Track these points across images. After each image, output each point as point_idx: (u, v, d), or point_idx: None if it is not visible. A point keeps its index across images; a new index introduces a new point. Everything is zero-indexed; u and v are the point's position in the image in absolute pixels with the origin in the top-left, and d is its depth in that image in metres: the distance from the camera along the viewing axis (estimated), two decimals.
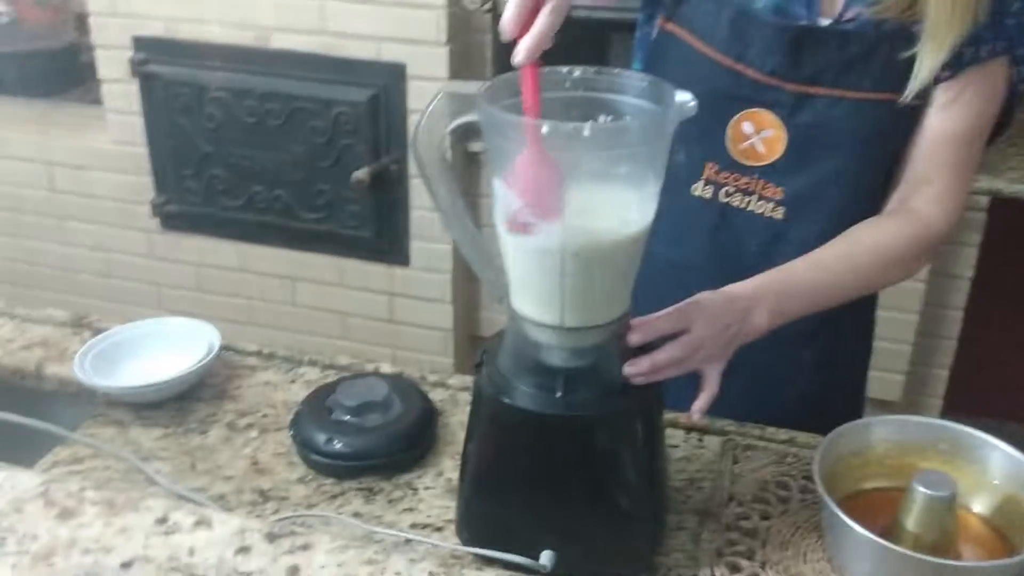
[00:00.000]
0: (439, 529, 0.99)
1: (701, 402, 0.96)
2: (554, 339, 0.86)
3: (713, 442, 1.12)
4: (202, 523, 0.59)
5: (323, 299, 2.49)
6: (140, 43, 2.31)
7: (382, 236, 2.32)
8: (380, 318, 2.46)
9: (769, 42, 1.03)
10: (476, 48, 2.21)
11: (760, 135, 1.06)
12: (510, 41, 0.77)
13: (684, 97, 0.80)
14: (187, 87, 2.31)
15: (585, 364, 0.88)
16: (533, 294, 0.85)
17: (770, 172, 1.07)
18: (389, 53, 2.13)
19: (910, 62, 1.00)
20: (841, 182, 1.07)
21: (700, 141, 1.08)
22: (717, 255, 1.12)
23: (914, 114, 1.05)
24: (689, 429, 1.14)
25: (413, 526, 0.99)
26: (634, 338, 0.89)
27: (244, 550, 0.57)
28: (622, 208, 0.81)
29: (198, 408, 1.19)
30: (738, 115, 1.06)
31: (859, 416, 1.28)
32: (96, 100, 2.49)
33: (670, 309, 0.95)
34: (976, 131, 1.04)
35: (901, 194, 1.07)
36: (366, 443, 1.06)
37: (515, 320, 0.88)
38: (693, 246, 1.13)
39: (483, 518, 0.93)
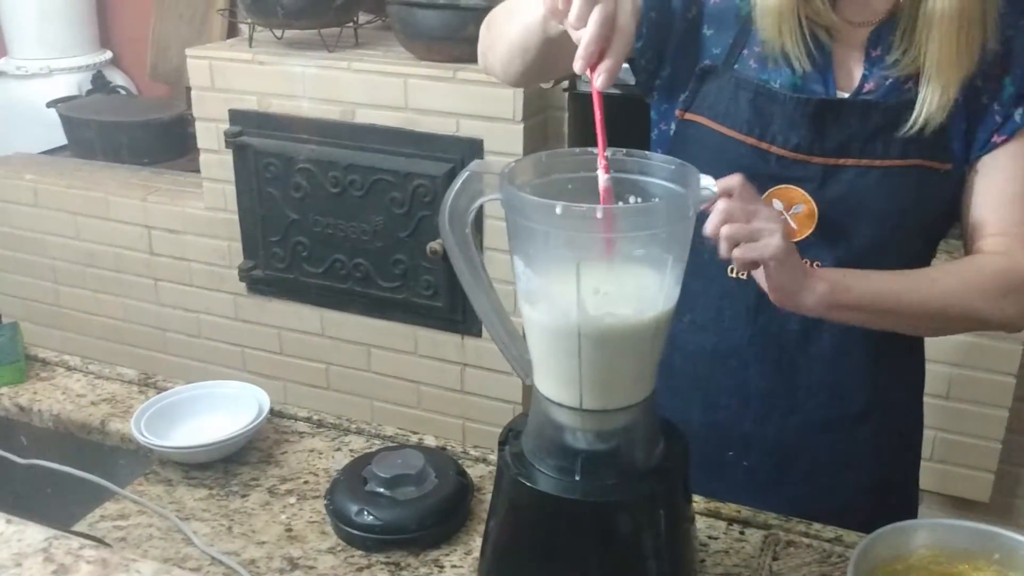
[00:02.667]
0: None
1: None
2: (573, 421, 0.85)
3: (755, 536, 1.08)
4: None
5: (397, 367, 2.52)
6: (235, 116, 2.42)
7: (455, 307, 2.34)
8: (452, 388, 2.47)
9: (791, 118, 1.02)
10: (552, 123, 2.25)
11: (791, 212, 1.05)
12: (583, 72, 0.84)
13: (707, 182, 0.79)
14: (276, 158, 2.41)
15: (606, 447, 0.86)
16: (553, 374, 0.85)
17: (804, 248, 1.05)
18: (467, 129, 2.18)
19: (933, 129, 0.99)
20: (877, 253, 1.04)
21: None
22: (759, 338, 1.10)
23: (948, 177, 1.03)
24: (731, 520, 1.10)
25: None
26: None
27: None
28: (640, 292, 0.80)
29: (243, 471, 1.21)
30: (766, 193, 1.05)
31: (914, 515, 1.22)
32: (197, 169, 2.63)
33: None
34: None
35: (972, 252, 1.05)
36: (396, 516, 1.06)
37: (538, 400, 0.88)
38: (734, 331, 1.11)
39: None
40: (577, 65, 0.83)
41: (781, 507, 1.11)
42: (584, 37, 0.82)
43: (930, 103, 0.98)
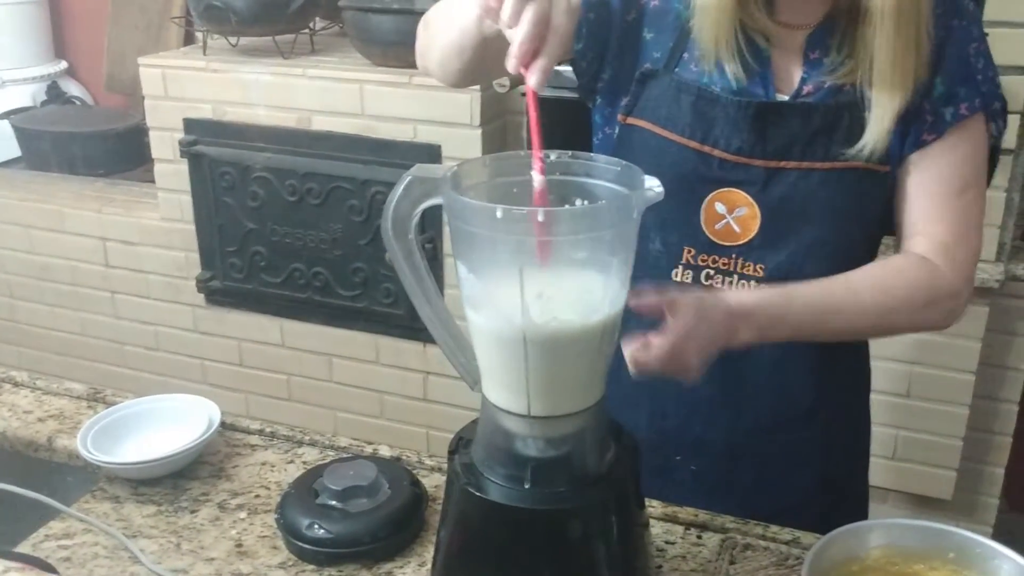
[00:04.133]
0: None
1: (644, 360, 0.87)
2: (522, 428, 0.83)
3: (712, 539, 1.07)
4: None
5: (360, 377, 2.49)
6: (190, 125, 2.39)
7: (415, 314, 2.31)
8: (415, 396, 2.45)
9: (732, 121, 1.02)
10: (511, 128, 2.24)
11: (734, 215, 1.04)
12: (515, 72, 0.83)
13: (651, 183, 0.78)
14: (232, 167, 2.38)
15: (556, 454, 0.85)
16: (500, 381, 0.83)
17: (747, 250, 1.05)
18: (425, 135, 2.17)
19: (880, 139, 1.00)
20: (820, 254, 1.04)
21: (675, 227, 1.07)
22: None
23: (888, 179, 1.03)
24: (688, 525, 1.09)
25: None
26: (632, 300, 0.86)
27: None
28: (585, 295, 0.79)
29: (192, 486, 1.18)
30: (709, 196, 1.04)
31: (865, 511, 1.22)
32: (153, 179, 2.58)
33: (683, 324, 0.90)
34: (964, 181, 1.03)
35: (904, 252, 1.05)
36: (348, 529, 1.04)
37: (486, 407, 0.86)
38: None
39: None
40: (509, 64, 0.82)
41: (731, 509, 1.10)
42: (517, 36, 0.81)
43: (880, 119, 0.99)
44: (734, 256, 1.06)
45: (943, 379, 2.03)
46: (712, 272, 1.07)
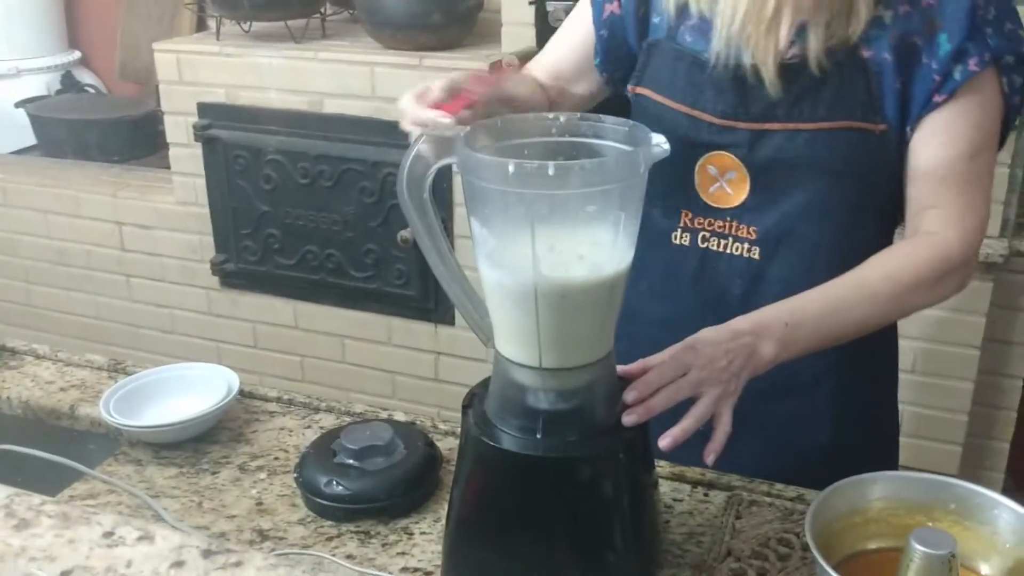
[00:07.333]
0: (429, 573, 0.98)
1: (715, 443, 0.93)
2: (533, 380, 0.86)
3: (719, 497, 1.10)
4: (145, 537, 0.61)
5: (372, 357, 2.53)
6: (203, 109, 2.42)
7: (428, 295, 2.35)
8: (427, 376, 2.48)
9: (718, 86, 1.05)
10: None
11: (725, 177, 1.08)
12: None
13: (658, 139, 0.81)
14: (245, 150, 2.41)
15: (566, 406, 0.88)
16: (512, 335, 0.86)
17: (740, 213, 1.08)
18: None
19: (864, 90, 1.01)
20: (810, 215, 1.06)
21: (674, 191, 1.10)
22: (702, 303, 1.12)
23: (885, 139, 1.03)
24: (695, 483, 1.12)
25: (404, 570, 0.99)
26: (629, 396, 0.89)
27: (179, 564, 0.58)
28: (595, 249, 0.82)
29: (213, 450, 1.22)
30: (701, 159, 1.08)
31: None
32: (168, 166, 2.62)
33: (664, 356, 0.94)
34: (976, 145, 1.02)
35: (911, 225, 1.06)
36: (365, 486, 1.07)
37: (499, 361, 0.89)
38: (679, 298, 1.14)
39: (466, 561, 0.93)
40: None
41: (736, 471, 1.12)
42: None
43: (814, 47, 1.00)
44: (728, 219, 1.09)
45: (948, 354, 2.05)
46: (708, 235, 1.11)
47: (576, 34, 1.18)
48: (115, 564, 0.58)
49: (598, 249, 0.81)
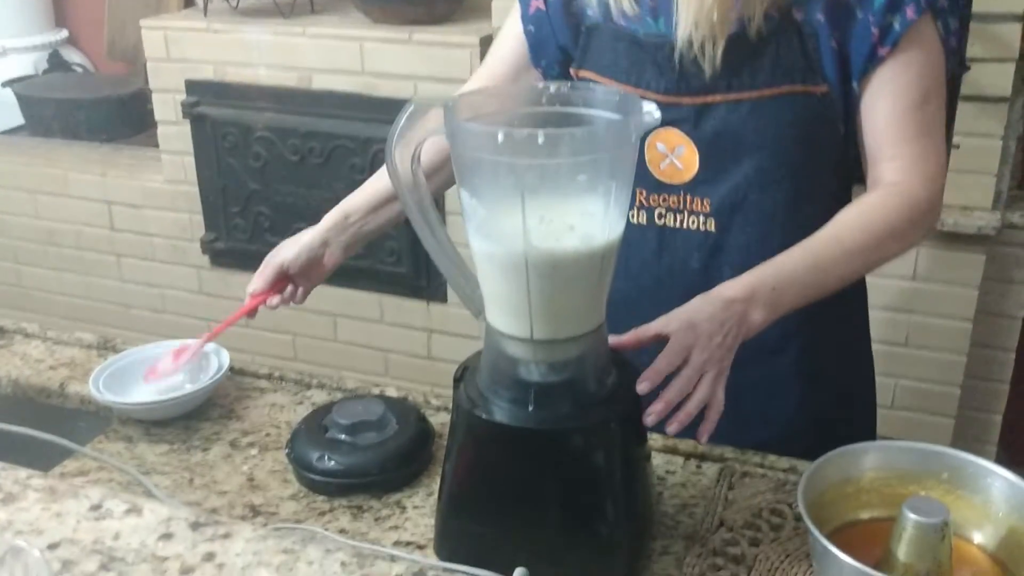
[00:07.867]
0: (421, 547, 0.98)
1: (708, 422, 0.93)
2: (525, 352, 0.86)
3: (711, 469, 1.10)
4: (133, 510, 0.60)
5: (364, 335, 2.52)
6: (191, 86, 2.40)
7: (419, 272, 2.35)
8: (419, 355, 2.48)
9: (656, 62, 1.05)
10: None
11: (674, 154, 1.08)
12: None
13: (649, 107, 0.80)
14: (234, 127, 2.39)
15: (558, 378, 0.87)
16: (503, 306, 0.86)
17: (693, 187, 1.09)
18: (425, 92, 2.18)
19: (800, 53, 1.01)
20: (761, 183, 1.07)
21: None
22: (664, 279, 1.13)
23: (828, 99, 1.03)
24: (688, 456, 1.12)
25: (397, 543, 0.99)
26: (642, 387, 0.89)
27: (167, 536, 0.58)
28: (586, 219, 0.81)
29: (204, 427, 1.21)
30: (649, 137, 1.08)
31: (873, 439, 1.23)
32: (156, 144, 2.60)
33: (657, 327, 0.94)
34: (924, 91, 1.02)
35: (872, 179, 1.06)
36: (357, 461, 1.07)
37: (490, 334, 0.89)
38: (641, 275, 1.14)
39: (459, 534, 0.92)
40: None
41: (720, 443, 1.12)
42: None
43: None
44: (681, 193, 1.10)
45: (940, 327, 2.05)
46: (663, 211, 1.11)
47: (508, 37, 1.20)
48: (102, 537, 0.58)
49: (589, 219, 0.81)
